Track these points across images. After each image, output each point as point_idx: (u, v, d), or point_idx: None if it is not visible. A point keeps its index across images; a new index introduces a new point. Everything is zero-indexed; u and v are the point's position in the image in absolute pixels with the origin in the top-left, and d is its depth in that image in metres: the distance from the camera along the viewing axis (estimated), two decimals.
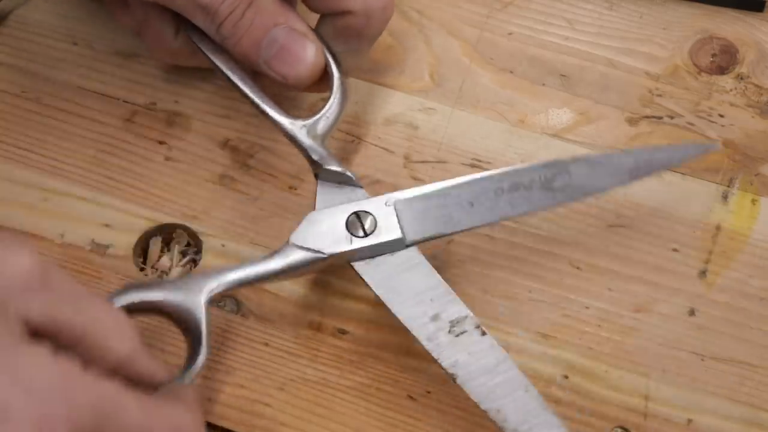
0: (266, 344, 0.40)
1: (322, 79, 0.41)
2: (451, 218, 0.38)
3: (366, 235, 0.38)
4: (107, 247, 0.41)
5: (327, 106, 0.40)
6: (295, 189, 0.43)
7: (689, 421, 0.39)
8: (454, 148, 0.44)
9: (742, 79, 0.46)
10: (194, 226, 0.42)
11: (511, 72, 0.46)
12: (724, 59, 0.47)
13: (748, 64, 0.47)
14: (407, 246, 0.38)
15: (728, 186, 0.44)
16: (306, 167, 0.43)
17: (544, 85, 0.46)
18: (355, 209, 0.38)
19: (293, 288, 0.41)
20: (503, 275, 0.41)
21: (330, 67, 0.41)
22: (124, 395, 0.29)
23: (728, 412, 0.39)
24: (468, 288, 0.41)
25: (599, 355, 0.40)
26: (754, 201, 0.43)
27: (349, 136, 0.44)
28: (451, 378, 0.35)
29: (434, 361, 0.36)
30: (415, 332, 0.36)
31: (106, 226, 0.42)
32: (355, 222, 0.38)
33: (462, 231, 0.39)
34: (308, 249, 0.37)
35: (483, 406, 0.35)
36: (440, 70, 0.46)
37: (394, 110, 0.45)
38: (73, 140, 0.44)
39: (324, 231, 0.38)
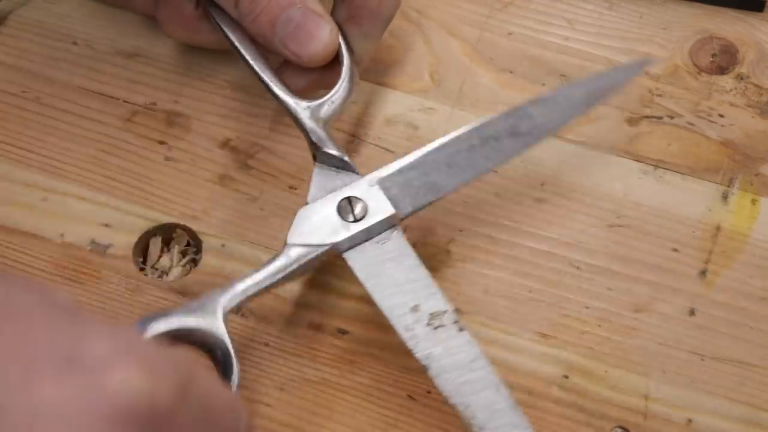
0: (266, 344, 0.40)
1: (334, 66, 0.41)
2: (435, 184, 0.39)
3: (358, 219, 0.38)
4: (107, 247, 0.41)
5: (333, 91, 0.41)
6: (295, 189, 0.43)
7: (689, 421, 0.39)
8: None
9: (742, 79, 0.46)
10: (194, 226, 0.42)
11: (511, 72, 0.46)
12: (724, 59, 0.47)
13: (748, 64, 0.47)
14: (402, 219, 0.39)
15: (728, 186, 0.44)
16: (306, 167, 0.43)
17: (544, 85, 0.46)
18: (343, 196, 0.38)
19: (293, 288, 0.41)
20: (503, 275, 0.41)
21: (341, 53, 0.41)
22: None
23: (728, 412, 0.39)
24: (468, 288, 0.41)
25: (599, 355, 0.40)
26: (754, 201, 0.43)
27: (349, 136, 0.44)
28: (424, 368, 0.36)
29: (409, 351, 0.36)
30: (393, 321, 0.37)
31: (106, 226, 0.42)
32: (346, 208, 0.38)
33: (448, 193, 0.40)
34: (306, 245, 0.37)
35: (452, 401, 0.35)
36: (440, 70, 0.46)
37: (394, 110, 0.45)
38: (73, 140, 0.44)
39: (318, 224, 0.38)
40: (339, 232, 0.38)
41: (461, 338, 0.36)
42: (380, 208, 0.38)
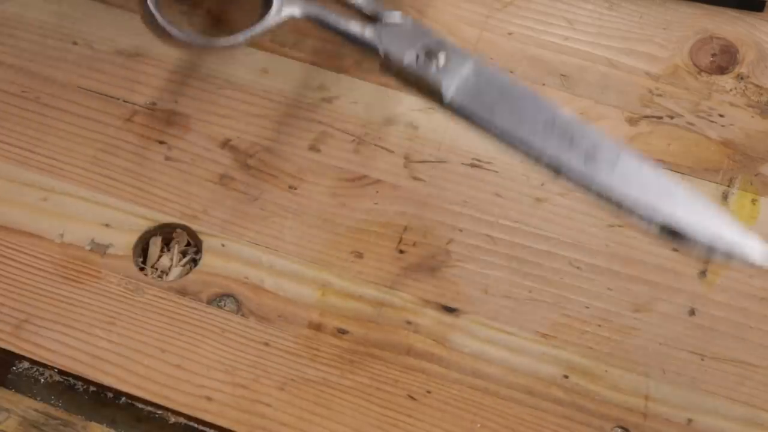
0: (266, 344, 0.40)
1: None
2: (493, 110, 0.37)
3: (425, 65, 0.37)
4: (107, 247, 0.41)
5: None
6: (295, 189, 0.43)
7: (689, 421, 0.39)
8: (454, 148, 0.44)
9: (742, 79, 0.46)
10: (194, 226, 0.42)
11: (511, 72, 0.46)
12: (724, 59, 0.47)
13: (748, 64, 0.47)
14: (444, 103, 0.37)
15: (728, 186, 0.44)
16: (306, 167, 0.43)
17: (544, 85, 0.46)
18: (436, 45, 0.38)
19: (293, 288, 0.41)
20: (503, 275, 0.41)
21: None
22: None
23: (728, 412, 0.39)
24: (468, 288, 0.41)
25: (599, 355, 0.40)
26: (754, 201, 0.43)
27: (349, 136, 0.44)
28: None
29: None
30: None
31: (106, 226, 0.42)
32: (431, 53, 0.37)
33: (492, 129, 0.37)
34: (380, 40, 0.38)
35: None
36: None
37: (394, 110, 0.45)
38: (73, 140, 0.44)
39: (402, 38, 0.38)
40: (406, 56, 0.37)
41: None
42: (441, 78, 0.37)
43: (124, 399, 0.39)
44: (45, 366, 0.40)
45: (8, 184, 0.43)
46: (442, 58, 0.37)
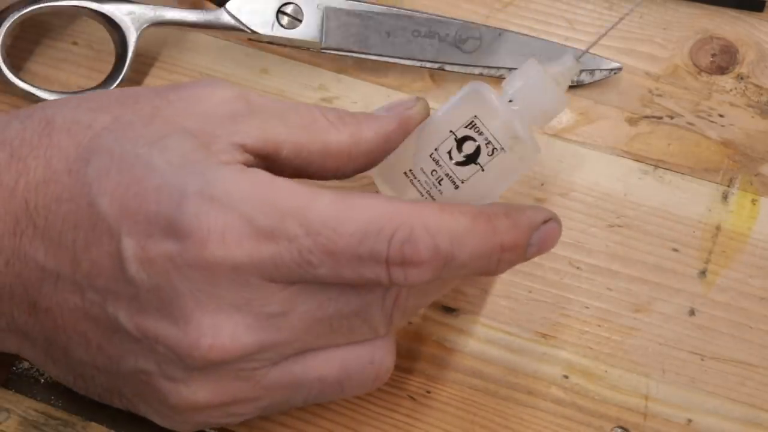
0: None
1: None
2: (367, 40, 0.44)
3: (289, 26, 0.42)
4: None
5: None
6: None
7: (689, 421, 0.39)
8: None
9: (742, 79, 0.46)
10: None
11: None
12: (724, 59, 0.47)
13: (748, 64, 0.47)
14: (322, 50, 0.43)
15: (728, 186, 0.44)
16: None
17: None
18: (284, 1, 0.42)
19: None
20: (503, 275, 0.41)
21: None
22: (312, 193, 0.31)
23: (728, 412, 0.39)
24: (468, 288, 0.41)
25: (599, 355, 0.40)
26: (754, 201, 0.43)
27: None
28: None
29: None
30: None
31: None
32: (284, 11, 0.42)
33: (372, 56, 0.44)
34: (237, 20, 0.42)
35: None
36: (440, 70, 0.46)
37: None
38: None
39: (256, 9, 0.42)
40: (266, 26, 0.42)
41: None
42: (310, 29, 0.43)
43: None
44: None
45: None
46: (290, 10, 0.42)
